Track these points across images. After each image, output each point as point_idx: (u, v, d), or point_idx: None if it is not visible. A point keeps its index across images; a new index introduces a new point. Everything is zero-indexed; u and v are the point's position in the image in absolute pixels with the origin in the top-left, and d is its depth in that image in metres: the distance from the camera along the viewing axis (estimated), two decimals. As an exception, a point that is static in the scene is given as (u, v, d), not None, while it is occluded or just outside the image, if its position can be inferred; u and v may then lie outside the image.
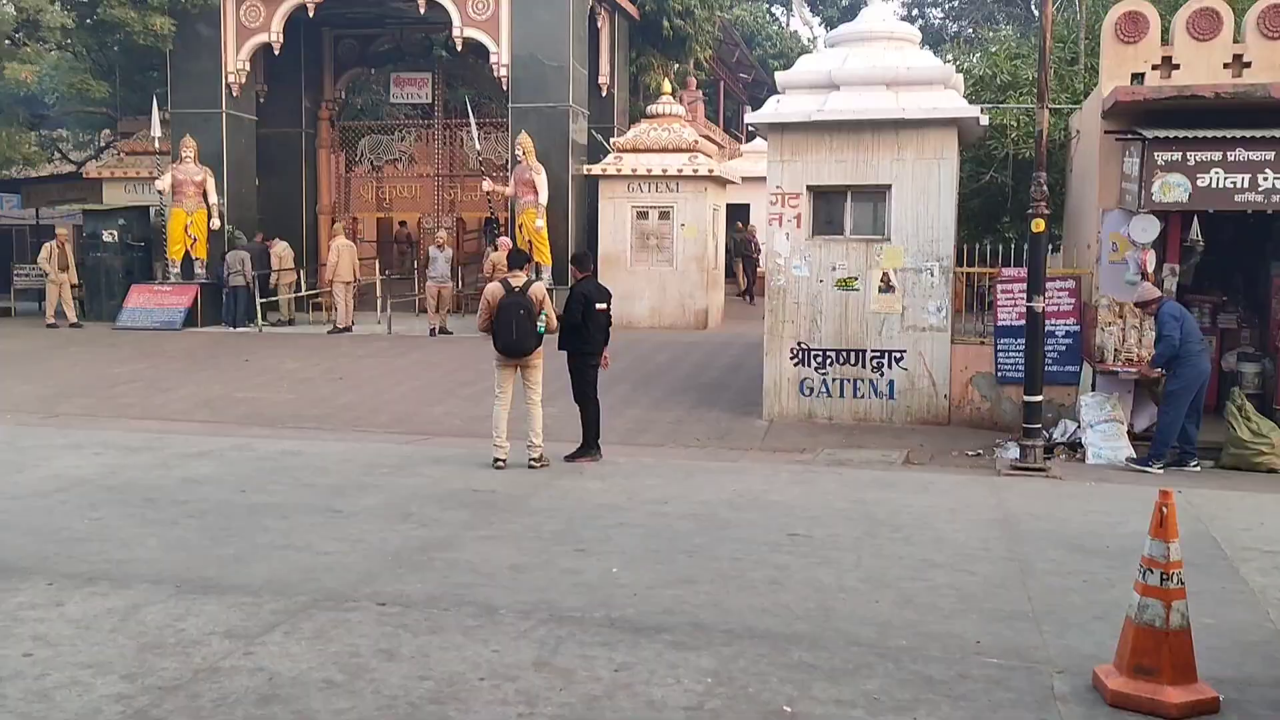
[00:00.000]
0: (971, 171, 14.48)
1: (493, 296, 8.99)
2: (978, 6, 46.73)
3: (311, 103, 22.87)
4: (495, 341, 9.03)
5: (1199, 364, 9.15)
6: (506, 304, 8.90)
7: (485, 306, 9.04)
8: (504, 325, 8.91)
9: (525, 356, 9.07)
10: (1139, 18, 10.04)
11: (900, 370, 11.40)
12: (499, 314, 8.91)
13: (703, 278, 19.72)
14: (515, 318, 8.87)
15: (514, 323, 8.88)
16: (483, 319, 9.08)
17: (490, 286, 9.21)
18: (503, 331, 8.93)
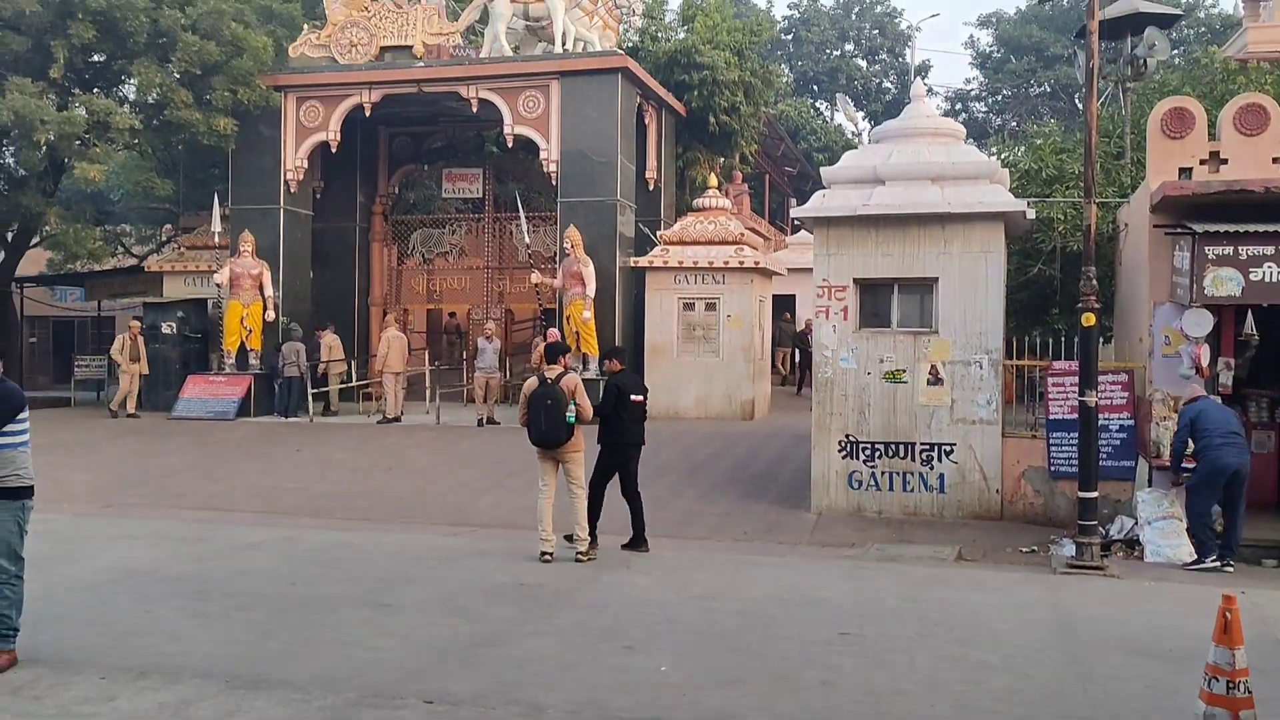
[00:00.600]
0: (1019, 264, 14.47)
1: (527, 389, 9.14)
2: (1021, 101, 47.21)
3: (366, 198, 23.49)
4: (529, 433, 9.12)
5: (1218, 458, 8.99)
6: (537, 395, 9.03)
7: (521, 399, 9.23)
8: (534, 416, 9.02)
9: (557, 448, 9.12)
10: (1185, 114, 10.10)
11: (950, 463, 11.27)
12: (530, 405, 9.04)
13: (749, 369, 19.74)
14: (544, 409, 8.97)
15: (543, 413, 8.97)
16: (520, 411, 9.26)
17: (528, 380, 9.34)
18: (534, 422, 9.04)
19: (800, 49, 50.19)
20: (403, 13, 20.73)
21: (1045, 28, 45.26)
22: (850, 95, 49.25)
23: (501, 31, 20.25)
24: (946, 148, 12.03)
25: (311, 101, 20.76)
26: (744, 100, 23.89)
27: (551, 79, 19.61)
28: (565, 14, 19.87)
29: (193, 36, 18.99)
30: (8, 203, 20.83)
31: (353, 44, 20.59)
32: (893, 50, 51.35)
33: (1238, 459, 9.03)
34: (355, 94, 20.47)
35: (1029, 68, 46.22)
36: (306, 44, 20.95)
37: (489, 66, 20.04)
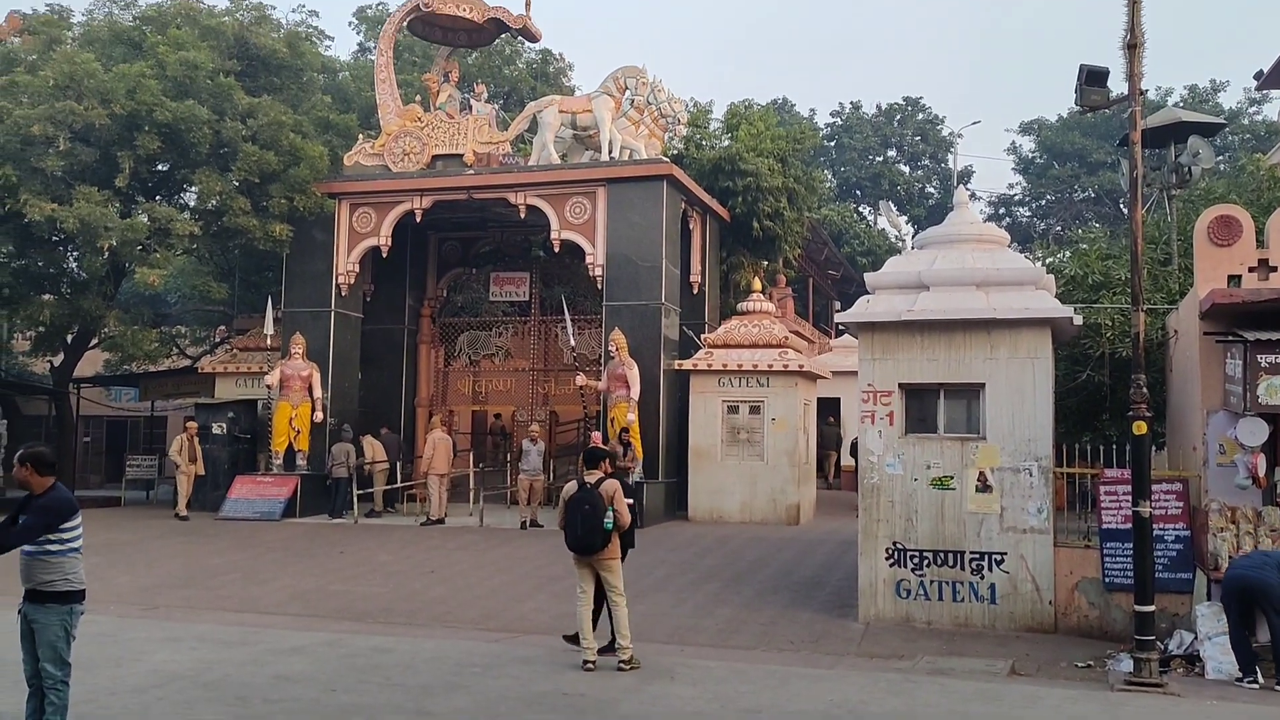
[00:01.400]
0: (1067, 370, 14.34)
1: (566, 493, 9.09)
2: (1065, 206, 47.38)
3: (414, 300, 23.94)
4: (565, 538, 9.05)
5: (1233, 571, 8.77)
6: (575, 500, 8.98)
7: (560, 503, 9.17)
8: (570, 522, 8.98)
9: (593, 554, 9.00)
10: (1231, 222, 10.07)
11: (1001, 573, 11.01)
12: (568, 510, 8.99)
13: (794, 472, 19.58)
14: (580, 514, 8.91)
15: (579, 519, 8.91)
16: (559, 515, 9.19)
17: (567, 485, 9.29)
18: (569, 528, 8.99)
19: (843, 155, 50.94)
20: (454, 122, 21.41)
21: (1087, 134, 45.67)
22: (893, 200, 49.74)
23: (550, 140, 20.81)
24: (991, 253, 12.05)
25: (364, 208, 21.36)
26: (787, 205, 24.20)
27: (598, 185, 20.05)
28: (612, 123, 20.40)
29: (253, 147, 19.73)
30: (70, 307, 21.47)
31: (406, 152, 21.25)
32: (935, 156, 51.97)
33: (1256, 573, 8.74)
34: (407, 200, 21.06)
35: (1072, 173, 46.51)
36: (361, 153, 21.65)
37: (537, 174, 20.55)
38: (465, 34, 22.80)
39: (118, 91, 18.96)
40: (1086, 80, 9.37)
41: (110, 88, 18.95)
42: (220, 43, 21.59)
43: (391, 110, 21.74)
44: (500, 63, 30.83)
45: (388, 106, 21.78)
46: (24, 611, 6.00)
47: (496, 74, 30.38)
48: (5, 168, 18.75)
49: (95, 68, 19.10)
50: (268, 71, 22.62)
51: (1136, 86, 9.01)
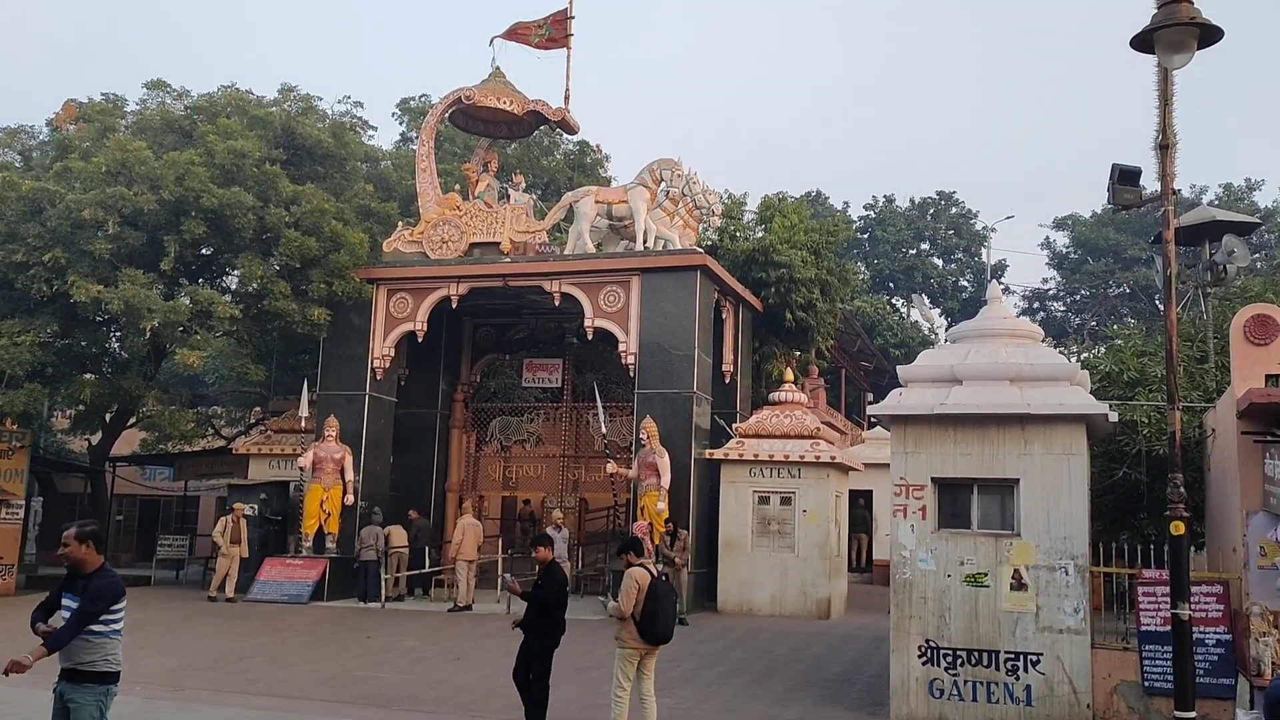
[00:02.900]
0: (1103, 467, 14.16)
1: (643, 581, 8.91)
2: (1100, 301, 47.28)
3: (448, 385, 24.14)
4: (645, 628, 8.83)
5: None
6: (660, 590, 8.84)
7: (635, 589, 8.86)
8: (658, 612, 8.80)
9: (667, 642, 9.01)
10: (1268, 320, 10.03)
11: (1037, 674, 10.75)
12: (651, 601, 8.78)
13: (825, 565, 19.34)
14: (670, 605, 8.88)
15: (665, 608, 8.84)
16: (634, 603, 8.86)
17: (638, 571, 9.05)
18: (658, 618, 8.81)
19: (876, 247, 51.28)
20: (492, 211, 21.84)
21: (1121, 230, 45.79)
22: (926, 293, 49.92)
23: (585, 230, 21.15)
24: (1025, 348, 12.03)
25: (401, 293, 21.71)
26: (820, 297, 24.35)
27: (632, 275, 20.29)
28: (647, 214, 20.73)
29: (295, 233, 20.20)
30: (110, 386, 21.84)
31: (444, 240, 21.65)
32: (968, 250, 52.20)
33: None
34: (443, 287, 21.39)
35: (1106, 269, 46.51)
36: (400, 239, 22.09)
37: (572, 263, 20.84)
38: (505, 126, 23.39)
39: (167, 178, 19.56)
40: (1119, 179, 9.45)
41: (160, 174, 19.55)
42: (267, 132, 22.29)
43: (431, 199, 22.23)
44: (539, 153, 31.52)
45: (427, 195, 22.27)
46: (60, 690, 6.00)
47: (535, 164, 31.05)
48: (55, 250, 19.29)
49: (146, 155, 19.75)
50: (312, 160, 23.29)
51: (1169, 186, 9.07)
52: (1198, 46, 8.33)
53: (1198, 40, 8.26)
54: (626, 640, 8.97)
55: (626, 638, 8.96)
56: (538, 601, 9.44)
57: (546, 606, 9.39)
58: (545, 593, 9.42)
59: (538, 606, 9.45)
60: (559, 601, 9.58)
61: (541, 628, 9.50)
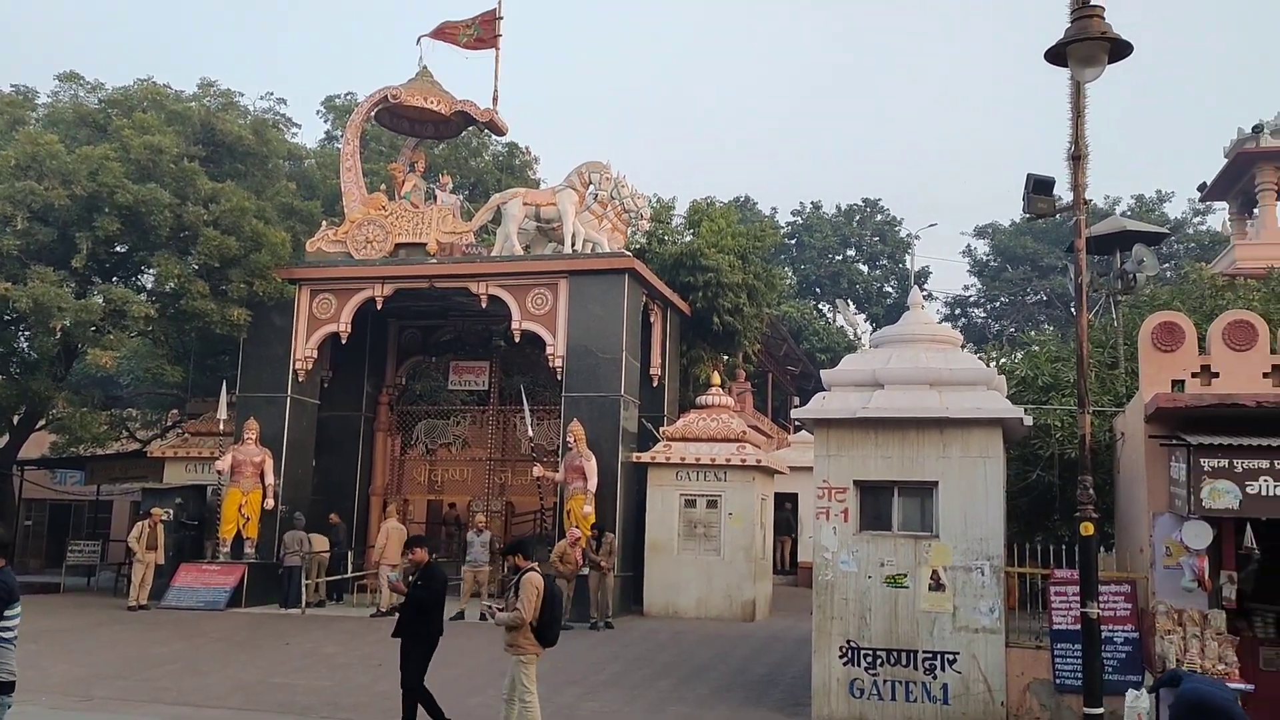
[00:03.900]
0: (1019, 470, 14.48)
1: (540, 585, 8.86)
2: (1018, 308, 48.42)
3: (373, 388, 23.81)
4: (544, 633, 8.83)
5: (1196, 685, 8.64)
6: (555, 594, 8.86)
7: (537, 594, 8.80)
8: (555, 618, 8.86)
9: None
10: (1174, 328, 10.34)
11: (954, 673, 10.96)
12: (549, 605, 8.79)
13: (750, 568, 19.49)
14: (561, 607, 8.90)
15: (560, 613, 8.91)
16: (536, 608, 8.82)
17: (536, 576, 9.03)
18: (555, 623, 8.88)
19: (804, 253, 51.87)
20: (419, 212, 21.61)
21: (1039, 239, 46.96)
22: (852, 298, 50.62)
23: (513, 231, 21.04)
24: (944, 354, 12.25)
25: (325, 294, 21.36)
26: (747, 301, 24.53)
27: (560, 277, 20.24)
28: (575, 216, 20.69)
29: (214, 231, 19.75)
30: (18, 387, 21.14)
31: (369, 240, 21.36)
32: (893, 256, 53.06)
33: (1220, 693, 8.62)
34: (368, 288, 21.10)
35: (1025, 276, 47.65)
36: (324, 239, 21.75)
37: (500, 264, 20.72)
38: (432, 126, 23.17)
39: (79, 173, 18.99)
40: (1034, 189, 9.68)
41: (72, 169, 18.98)
42: (186, 128, 21.78)
43: (356, 198, 21.92)
44: (467, 154, 31.28)
45: (352, 194, 21.96)
46: (-51, 702, 5.80)
47: (463, 165, 30.80)
48: (-41, 246, 18.61)
49: (58, 149, 19.15)
50: (233, 157, 22.81)
51: (1081, 196, 9.31)
52: (1108, 61, 8.56)
53: (1108, 55, 8.50)
54: (526, 647, 8.89)
55: (526, 645, 8.88)
56: (416, 601, 9.29)
57: (425, 606, 9.25)
58: (425, 592, 9.28)
59: (415, 606, 9.29)
60: (438, 603, 9.44)
61: (420, 631, 9.32)
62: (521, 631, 8.85)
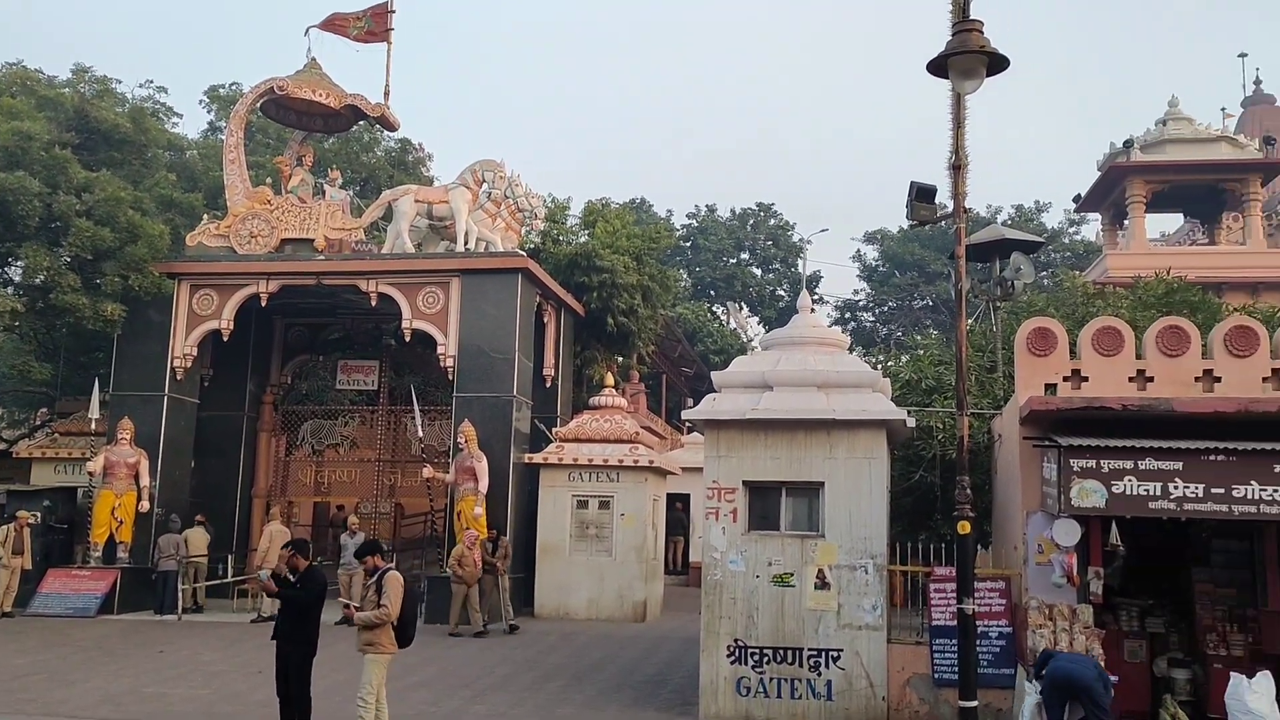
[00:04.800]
0: (903, 470, 14.84)
1: (402, 583, 8.83)
2: (905, 313, 49.66)
3: (256, 387, 23.13)
4: (403, 631, 8.83)
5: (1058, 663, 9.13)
6: (413, 592, 8.85)
7: (401, 591, 8.81)
8: (413, 615, 8.91)
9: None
10: (1048, 334, 10.72)
11: (838, 670, 11.16)
12: (409, 603, 8.79)
13: (642, 568, 19.55)
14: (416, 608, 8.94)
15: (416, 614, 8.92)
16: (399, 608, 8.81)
17: (397, 574, 8.99)
18: (413, 621, 8.88)
19: (698, 255, 52.28)
20: (306, 207, 21.11)
21: (926, 246, 48.21)
22: (745, 301, 51.24)
23: (404, 229, 20.70)
24: (832, 356, 12.48)
25: (206, 290, 20.69)
26: (642, 303, 24.61)
27: (452, 276, 19.99)
28: (468, 215, 20.46)
29: (86, 222, 18.95)
30: None
31: (253, 235, 20.78)
32: (786, 260, 53.84)
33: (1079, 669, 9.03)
34: (252, 284, 20.51)
35: (912, 282, 48.86)
36: (205, 233, 21.07)
37: (390, 262, 20.36)
38: (321, 119, 22.64)
39: (-59, 158, 18.04)
40: (916, 196, 9.92)
41: (-66, 154, 18.02)
42: (58, 114, 20.90)
43: (240, 191, 21.29)
44: (358, 149, 30.68)
45: (236, 188, 21.32)
46: None
47: (353, 160, 30.20)
48: None
49: (-82, 133, 18.16)
50: (109, 146, 21.94)
51: (961, 204, 9.58)
52: (987, 74, 8.83)
53: (987, 68, 8.76)
54: (385, 645, 8.85)
55: (385, 643, 8.85)
56: (296, 602, 9.08)
57: (304, 607, 9.06)
58: (306, 593, 9.08)
59: (296, 608, 9.09)
60: (316, 606, 9.26)
61: (298, 635, 9.14)
62: (383, 629, 8.78)
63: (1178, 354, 10.36)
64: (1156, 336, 10.46)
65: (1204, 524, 10.40)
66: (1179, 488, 9.18)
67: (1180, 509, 9.21)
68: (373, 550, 9.37)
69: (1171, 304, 16.43)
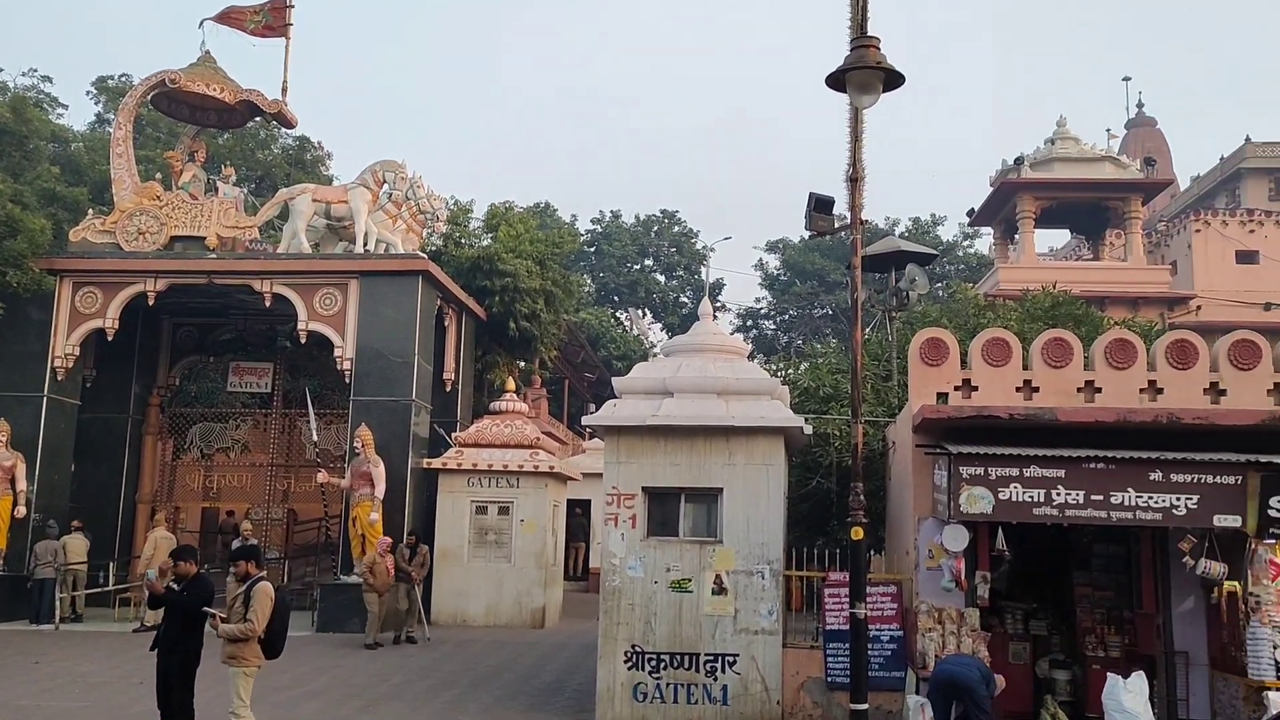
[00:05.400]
0: (800, 477, 15.06)
1: (272, 594, 8.63)
2: (806, 321, 50.50)
3: (142, 388, 22.32)
4: (271, 644, 8.66)
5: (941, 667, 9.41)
6: (285, 603, 8.72)
7: (270, 604, 8.60)
8: (284, 627, 8.72)
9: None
10: (940, 344, 11.00)
11: (734, 674, 11.26)
12: (278, 615, 8.61)
13: (541, 574, 19.45)
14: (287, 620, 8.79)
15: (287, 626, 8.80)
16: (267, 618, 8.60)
17: (268, 585, 8.78)
18: (283, 633, 8.71)
19: (602, 261, 52.37)
20: (198, 204, 20.51)
21: (826, 256, 49.13)
22: (649, 307, 51.47)
23: (301, 229, 20.24)
24: (731, 364, 12.59)
25: (90, 287, 19.92)
26: (544, 307, 24.52)
27: (351, 278, 19.62)
28: (368, 216, 20.11)
29: (-39, 215, 18.09)
30: None
31: (141, 231, 20.09)
32: (689, 267, 54.27)
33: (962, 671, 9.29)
34: (140, 282, 19.83)
35: (812, 291, 49.72)
36: (90, 229, 20.30)
37: (285, 262, 19.87)
38: (215, 114, 22.02)
39: None
40: (815, 207, 10.08)
41: None
42: (-66, 103, 19.89)
43: (128, 186, 20.56)
44: (254, 146, 29.95)
45: (124, 182, 20.58)
46: None
47: (249, 157, 29.45)
48: None
49: None
50: (-13, 136, 20.99)
51: (858, 216, 9.77)
52: (883, 90, 9.03)
53: (883, 84, 8.96)
54: (250, 659, 8.66)
55: (250, 656, 8.65)
56: (181, 609, 8.79)
57: (189, 616, 8.79)
58: (192, 600, 8.80)
59: (180, 616, 8.80)
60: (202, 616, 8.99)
61: (181, 645, 8.88)
62: (249, 642, 8.59)
63: (1062, 365, 10.73)
64: (1042, 348, 10.82)
65: (1085, 529, 10.78)
66: (1061, 494, 9.51)
67: (1062, 515, 9.54)
68: (249, 556, 9.10)
69: (1057, 317, 17.04)
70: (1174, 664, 10.46)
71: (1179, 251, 34.04)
